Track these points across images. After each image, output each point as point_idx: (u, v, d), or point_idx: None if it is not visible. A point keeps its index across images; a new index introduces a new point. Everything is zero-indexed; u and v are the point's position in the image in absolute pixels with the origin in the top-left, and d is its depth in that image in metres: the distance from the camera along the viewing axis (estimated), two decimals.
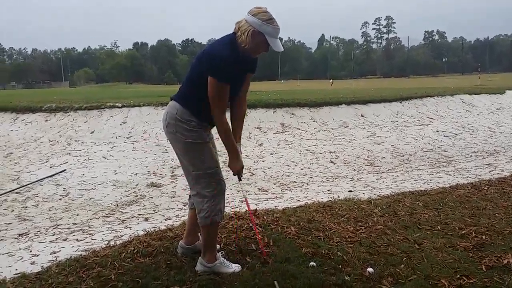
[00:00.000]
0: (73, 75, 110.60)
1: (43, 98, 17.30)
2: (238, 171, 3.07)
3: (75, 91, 36.98)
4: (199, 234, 3.32)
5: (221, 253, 3.19)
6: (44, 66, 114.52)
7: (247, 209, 3.38)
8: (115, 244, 3.63)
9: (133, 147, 9.55)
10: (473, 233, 3.77)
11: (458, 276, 2.93)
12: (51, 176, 7.84)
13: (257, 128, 10.86)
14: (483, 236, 3.67)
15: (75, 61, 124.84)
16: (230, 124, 2.98)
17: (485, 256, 3.26)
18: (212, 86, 2.76)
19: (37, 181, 7.58)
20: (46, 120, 11.71)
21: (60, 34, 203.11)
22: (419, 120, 13.23)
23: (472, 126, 13.07)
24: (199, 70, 2.83)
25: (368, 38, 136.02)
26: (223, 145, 2.96)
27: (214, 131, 2.97)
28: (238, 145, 3.04)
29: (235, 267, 3.03)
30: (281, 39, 2.94)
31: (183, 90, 2.94)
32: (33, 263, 3.50)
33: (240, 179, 3.13)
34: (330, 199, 5.22)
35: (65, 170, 8.16)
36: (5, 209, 6.27)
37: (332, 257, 3.22)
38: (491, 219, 4.19)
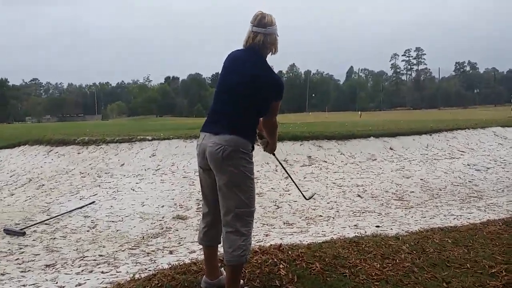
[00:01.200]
0: (106, 108, 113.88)
1: (76, 131, 17.83)
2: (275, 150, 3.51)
3: (107, 124, 37.96)
4: (222, 269, 3.31)
5: None
6: (78, 99, 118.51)
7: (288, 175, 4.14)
8: (139, 278, 3.64)
9: (161, 180, 9.67)
10: (504, 271, 3.63)
11: None
12: (80, 207, 7.99)
13: (284, 160, 10.86)
14: None
15: (108, 95, 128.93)
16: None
17: None
18: (277, 108, 3.06)
19: (66, 212, 7.73)
20: (79, 153, 12.02)
21: (96, 69, 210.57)
22: (449, 153, 12.97)
23: (504, 160, 12.70)
24: (262, 99, 2.96)
25: (398, 70, 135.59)
26: None
27: None
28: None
29: None
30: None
31: (242, 123, 2.93)
32: None
33: (275, 155, 3.72)
34: (357, 234, 5.14)
35: (94, 202, 8.31)
36: (34, 240, 6.40)
37: None
38: None
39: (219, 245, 3.15)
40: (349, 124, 19.62)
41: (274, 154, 3.66)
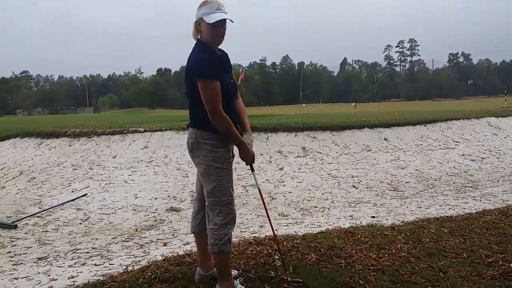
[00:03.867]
0: (98, 101, 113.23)
1: (67, 123, 17.68)
2: (250, 161, 3.05)
3: (99, 117, 37.78)
4: None
5: (239, 280, 3.12)
6: (69, 92, 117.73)
7: (263, 206, 3.37)
8: (132, 269, 3.59)
9: (154, 171, 9.59)
10: (500, 261, 3.61)
11: None
12: (72, 200, 7.90)
13: (278, 152, 10.81)
14: (511, 264, 3.51)
15: (100, 87, 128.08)
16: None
17: None
18: (203, 92, 2.76)
19: (59, 205, 7.65)
20: (70, 145, 11.89)
21: (86, 62, 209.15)
22: (444, 144, 12.97)
23: (499, 150, 12.73)
24: (191, 86, 2.84)
25: (391, 61, 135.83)
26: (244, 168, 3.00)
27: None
28: (249, 134, 3.07)
29: None
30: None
31: (191, 114, 2.97)
32: (51, 287, 3.49)
33: (253, 169, 3.15)
34: (352, 225, 5.10)
35: (86, 194, 8.23)
36: (26, 233, 6.31)
37: (354, 285, 3.12)
38: None
39: None
40: (343, 115, 19.61)
41: (251, 168, 3.14)
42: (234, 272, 3.22)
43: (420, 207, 6.71)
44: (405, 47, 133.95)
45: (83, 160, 10.69)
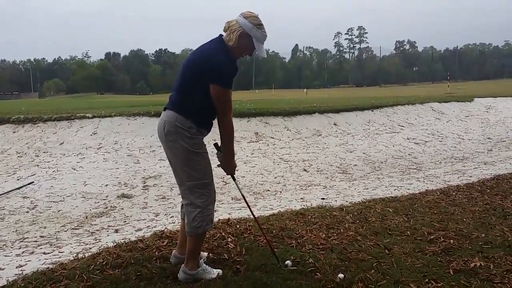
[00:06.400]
0: (43, 86, 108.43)
1: (11, 109, 16.91)
2: (233, 171, 3.13)
3: (45, 102, 36.33)
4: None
5: (203, 259, 3.15)
6: (12, 77, 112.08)
7: (249, 210, 3.42)
8: (83, 257, 3.53)
9: (104, 158, 9.38)
10: (442, 237, 3.83)
11: (427, 280, 2.96)
12: (18, 188, 7.63)
13: None
14: (451, 241, 3.73)
15: (45, 72, 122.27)
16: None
17: (452, 260, 3.31)
18: (218, 94, 2.81)
19: (3, 194, 7.36)
20: (14, 132, 11.42)
21: (30, 45, 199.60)
22: (390, 128, 13.45)
23: (441, 133, 13.35)
24: (196, 77, 2.82)
25: (341, 48, 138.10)
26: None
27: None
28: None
29: (217, 272, 3.03)
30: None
31: (178, 99, 2.89)
32: None
33: (234, 179, 3.22)
34: (303, 206, 5.23)
35: (32, 182, 7.95)
36: None
37: (303, 264, 3.21)
38: (459, 224, 4.27)
39: None
40: (295, 101, 19.86)
41: (233, 178, 3.20)
42: (204, 254, 3.31)
43: (367, 189, 6.95)
44: (354, 35, 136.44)
45: (28, 147, 10.30)
